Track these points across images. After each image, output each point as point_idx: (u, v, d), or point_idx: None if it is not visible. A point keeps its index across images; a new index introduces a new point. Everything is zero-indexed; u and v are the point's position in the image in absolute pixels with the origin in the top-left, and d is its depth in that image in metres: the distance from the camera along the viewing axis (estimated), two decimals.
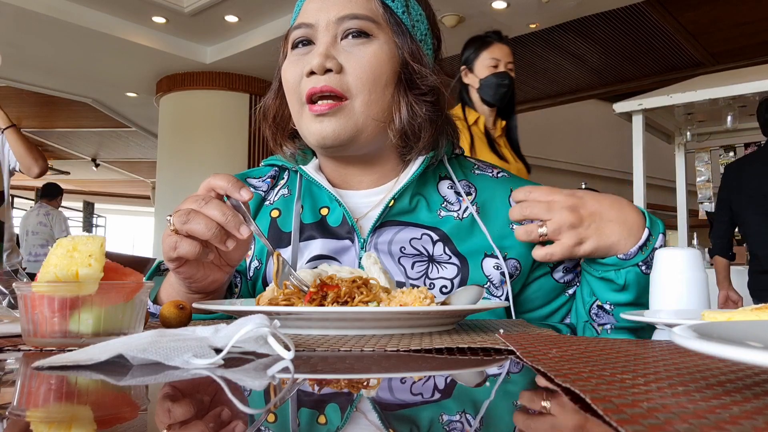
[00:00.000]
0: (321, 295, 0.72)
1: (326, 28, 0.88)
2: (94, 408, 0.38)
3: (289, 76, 0.91)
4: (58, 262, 0.62)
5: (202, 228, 0.74)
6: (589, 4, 5.09)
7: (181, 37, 6.06)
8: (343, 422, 0.33)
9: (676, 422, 0.27)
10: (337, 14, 0.88)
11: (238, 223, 0.75)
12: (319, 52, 0.86)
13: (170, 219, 0.76)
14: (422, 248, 0.91)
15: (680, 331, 0.37)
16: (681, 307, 0.87)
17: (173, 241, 0.76)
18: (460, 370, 0.50)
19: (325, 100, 0.87)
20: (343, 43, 0.89)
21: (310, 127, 0.88)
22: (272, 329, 0.52)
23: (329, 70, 0.86)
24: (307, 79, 0.87)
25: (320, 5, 0.90)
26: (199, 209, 0.75)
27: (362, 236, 0.92)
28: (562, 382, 0.37)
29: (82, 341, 0.59)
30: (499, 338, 0.62)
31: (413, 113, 0.89)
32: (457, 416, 0.35)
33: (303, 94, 0.88)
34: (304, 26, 0.91)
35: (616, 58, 7.10)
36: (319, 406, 0.38)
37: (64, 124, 9.42)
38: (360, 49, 0.87)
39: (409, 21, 0.94)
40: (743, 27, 6.29)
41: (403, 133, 0.90)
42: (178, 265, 0.79)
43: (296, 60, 0.91)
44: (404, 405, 0.38)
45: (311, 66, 0.86)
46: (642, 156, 3.86)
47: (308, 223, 0.96)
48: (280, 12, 5.51)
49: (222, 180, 0.77)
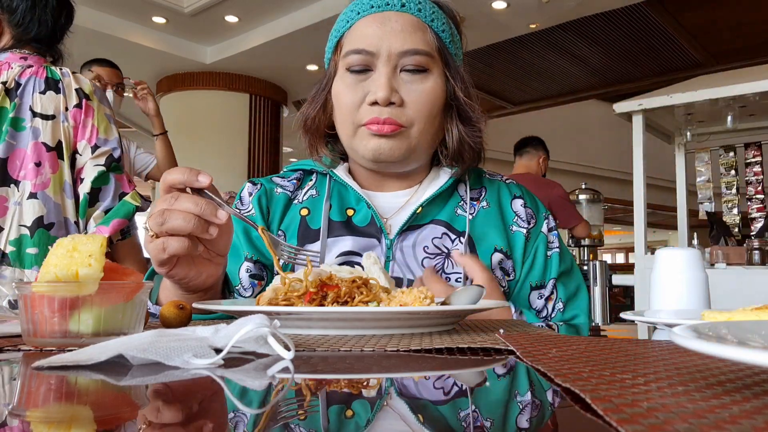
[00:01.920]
0: (321, 295, 0.72)
1: (387, 59, 0.92)
2: (94, 408, 0.38)
3: (347, 101, 0.94)
4: (58, 262, 0.62)
5: (180, 222, 0.73)
6: (589, 4, 5.09)
7: (181, 37, 6.07)
8: (343, 422, 0.33)
9: (676, 422, 0.27)
10: (400, 48, 0.92)
11: (213, 208, 0.75)
12: (382, 85, 0.91)
13: (147, 226, 0.75)
14: (443, 246, 0.97)
15: (680, 331, 0.37)
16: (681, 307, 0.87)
17: (159, 244, 0.75)
18: (460, 370, 0.50)
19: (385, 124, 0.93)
20: (402, 75, 0.94)
21: (368, 143, 0.94)
22: (272, 329, 0.52)
23: (392, 103, 0.92)
24: (369, 107, 0.93)
25: (381, 33, 0.92)
26: (172, 207, 0.74)
27: (390, 236, 0.98)
28: (562, 382, 0.37)
29: (82, 341, 0.59)
30: (499, 338, 0.62)
31: (462, 141, 0.98)
32: (457, 416, 0.35)
33: (362, 120, 0.94)
34: (364, 53, 0.93)
35: (616, 59, 7.10)
36: (320, 406, 0.38)
37: None
38: (419, 84, 0.94)
39: (454, 48, 1.00)
40: (743, 27, 6.29)
41: (453, 157, 1.01)
42: (169, 268, 0.78)
43: (353, 85, 0.94)
44: (404, 405, 0.38)
45: (376, 98, 0.91)
46: (642, 156, 3.85)
47: (336, 222, 1.00)
48: (280, 12, 5.51)
49: (177, 174, 0.76)
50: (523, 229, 1.04)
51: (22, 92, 1.65)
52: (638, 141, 3.87)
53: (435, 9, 0.99)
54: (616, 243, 18.66)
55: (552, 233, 1.06)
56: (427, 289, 0.71)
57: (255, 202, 1.06)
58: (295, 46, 5.80)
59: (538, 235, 1.05)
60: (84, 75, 2.82)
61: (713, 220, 4.21)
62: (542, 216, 1.08)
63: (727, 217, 4.33)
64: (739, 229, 4.28)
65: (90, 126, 1.66)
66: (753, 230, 4.09)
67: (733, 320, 0.56)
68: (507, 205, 1.06)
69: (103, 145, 1.66)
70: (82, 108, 1.66)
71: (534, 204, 1.09)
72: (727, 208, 4.35)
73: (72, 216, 1.63)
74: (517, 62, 7.06)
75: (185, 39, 6.10)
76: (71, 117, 1.65)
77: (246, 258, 1.03)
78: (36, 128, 1.62)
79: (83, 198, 1.63)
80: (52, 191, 1.61)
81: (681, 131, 4.41)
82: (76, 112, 1.66)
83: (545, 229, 1.06)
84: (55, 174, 1.62)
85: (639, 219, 3.87)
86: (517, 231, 1.03)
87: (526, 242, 1.03)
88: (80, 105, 1.65)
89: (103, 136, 1.67)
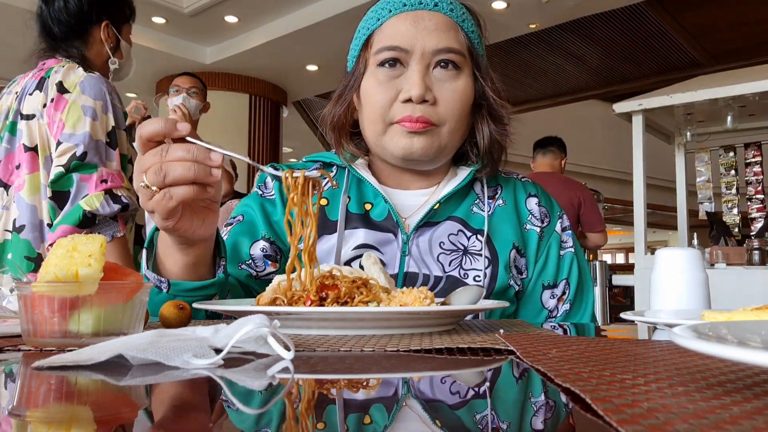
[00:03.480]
0: (320, 296, 0.72)
1: (421, 56, 0.92)
2: (94, 408, 0.38)
3: (379, 98, 0.94)
4: (58, 262, 0.62)
5: (182, 171, 0.71)
6: (589, 4, 5.09)
7: (180, 38, 6.07)
8: (343, 422, 0.33)
9: (676, 422, 0.27)
10: (435, 46, 0.93)
11: (206, 152, 0.73)
12: (417, 83, 0.91)
13: (144, 182, 0.73)
14: (458, 243, 0.99)
15: (680, 331, 0.37)
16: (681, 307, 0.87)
17: (163, 194, 0.73)
18: (460, 370, 0.50)
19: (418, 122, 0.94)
20: (434, 72, 0.94)
21: (399, 141, 0.94)
22: (272, 329, 0.52)
23: (425, 101, 0.92)
24: (402, 105, 0.93)
25: (415, 31, 0.93)
26: (165, 159, 0.72)
27: (406, 232, 0.98)
28: (562, 382, 0.37)
29: (82, 341, 0.59)
30: (499, 338, 0.62)
31: (493, 140, 1.00)
32: (457, 416, 0.35)
33: (394, 117, 0.94)
34: (398, 50, 0.93)
35: (616, 59, 7.11)
36: (320, 406, 0.38)
37: None
38: (451, 83, 0.94)
39: (481, 50, 1.01)
40: (743, 27, 6.29)
41: (483, 156, 1.01)
42: (176, 220, 0.76)
43: (386, 82, 0.94)
44: (404, 405, 0.38)
45: (411, 95, 0.91)
46: (642, 156, 3.85)
47: (354, 214, 1.01)
48: (280, 12, 5.52)
49: (154, 125, 0.73)
50: (536, 227, 1.04)
51: (20, 97, 1.64)
52: (638, 141, 3.87)
53: (464, 10, 0.99)
54: (616, 243, 18.67)
55: (566, 233, 1.06)
56: (427, 288, 0.71)
57: (276, 187, 1.06)
58: (295, 46, 5.80)
59: (551, 234, 1.05)
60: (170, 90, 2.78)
61: (713, 220, 4.21)
62: (556, 215, 1.08)
63: (727, 217, 4.33)
64: (739, 229, 4.27)
65: (57, 120, 1.53)
66: (753, 230, 4.09)
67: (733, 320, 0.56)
68: (522, 203, 1.06)
69: (66, 141, 1.51)
70: (54, 102, 1.54)
71: (549, 203, 1.09)
72: (727, 208, 4.35)
73: (47, 219, 1.54)
74: (516, 62, 7.06)
75: (185, 39, 6.10)
76: (46, 113, 1.55)
77: (263, 237, 1.03)
78: (20, 130, 1.58)
79: (47, 204, 1.53)
80: (26, 192, 1.54)
81: (681, 131, 4.41)
82: (50, 107, 1.55)
83: (559, 229, 1.06)
84: (31, 174, 1.55)
85: (639, 219, 3.87)
86: (531, 229, 1.04)
87: (539, 241, 1.03)
88: (54, 99, 1.54)
89: (69, 131, 1.51)
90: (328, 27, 5.36)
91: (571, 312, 1.03)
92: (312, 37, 5.58)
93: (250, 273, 1.01)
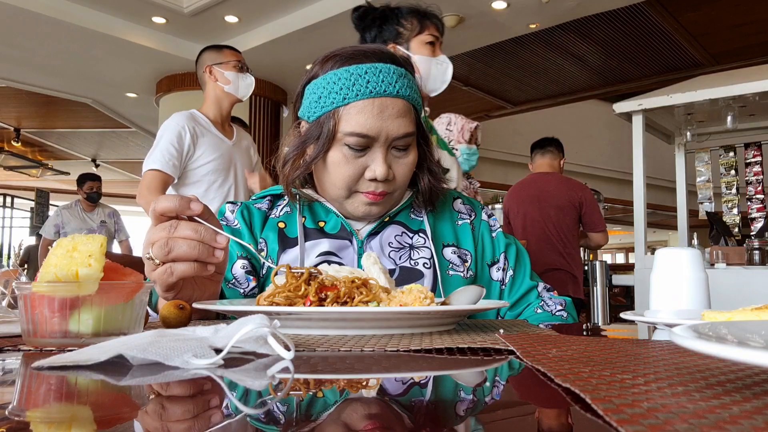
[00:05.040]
0: (320, 296, 0.72)
1: (385, 141, 1.04)
2: (94, 408, 0.38)
3: (347, 173, 1.05)
4: (58, 262, 0.62)
5: (186, 249, 0.76)
6: (589, 4, 5.09)
7: (181, 38, 6.06)
8: (343, 422, 0.33)
9: (676, 422, 0.27)
10: (396, 133, 1.04)
11: (213, 234, 0.78)
12: (381, 164, 1.04)
13: (150, 254, 0.77)
14: (404, 242, 1.14)
15: (680, 331, 0.37)
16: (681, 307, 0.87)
17: (165, 269, 0.77)
18: (460, 370, 0.50)
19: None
20: (392, 151, 1.07)
21: (360, 207, 1.08)
22: (272, 329, 0.52)
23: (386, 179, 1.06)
24: (368, 182, 1.06)
25: (381, 122, 1.03)
26: (173, 235, 0.77)
27: (359, 238, 1.12)
28: (562, 382, 0.37)
29: (82, 341, 0.59)
30: (499, 338, 0.62)
31: (432, 188, 1.15)
32: (457, 416, 0.35)
33: (360, 189, 1.07)
34: (366, 137, 1.03)
35: (616, 59, 7.10)
36: (320, 406, 0.38)
37: (64, 124, 9.41)
38: (404, 159, 1.08)
39: (419, 102, 1.10)
40: (743, 27, 6.29)
41: (423, 195, 1.16)
42: (176, 293, 0.81)
43: (352, 161, 1.05)
44: (404, 405, 0.38)
45: (376, 176, 1.04)
46: (642, 156, 3.85)
47: (311, 228, 1.14)
48: (280, 12, 5.51)
49: (167, 202, 0.78)
50: (466, 220, 1.21)
51: None
52: (638, 141, 3.87)
53: (408, 76, 1.07)
54: (616, 243, 18.66)
55: (492, 219, 1.24)
56: (427, 288, 0.71)
57: (239, 216, 1.15)
58: (295, 46, 5.80)
59: (480, 222, 1.22)
60: None
61: (713, 220, 4.21)
62: (479, 207, 1.26)
63: (727, 217, 4.33)
64: (739, 229, 4.27)
65: None
66: (753, 230, 4.09)
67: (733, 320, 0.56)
68: (450, 206, 1.23)
69: None
70: None
71: (470, 201, 1.27)
72: (727, 208, 4.35)
73: None
74: (517, 62, 7.05)
75: (185, 39, 6.09)
76: None
77: (239, 257, 1.12)
78: None
79: None
80: None
81: (681, 131, 4.41)
82: None
83: (485, 217, 1.24)
84: None
85: (639, 219, 3.87)
86: (463, 223, 1.21)
87: (472, 230, 1.20)
88: None
89: None
90: (328, 27, 5.36)
91: (515, 276, 1.19)
92: (312, 37, 5.57)
93: (238, 291, 1.08)
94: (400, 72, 1.05)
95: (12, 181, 12.27)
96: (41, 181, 12.03)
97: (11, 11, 5.14)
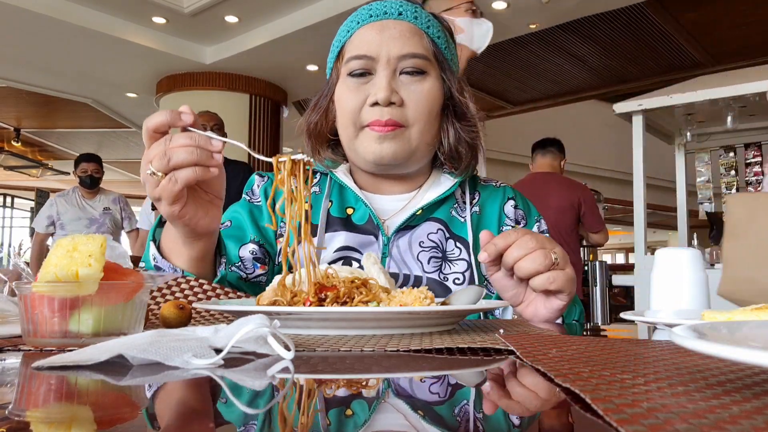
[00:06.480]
0: (320, 297, 0.72)
1: (387, 63, 0.97)
2: (94, 408, 0.38)
3: (349, 103, 0.98)
4: (58, 262, 0.62)
5: (185, 155, 0.76)
6: (589, 4, 5.08)
7: (181, 38, 6.06)
8: (342, 422, 0.33)
9: (676, 422, 0.27)
10: (399, 52, 0.97)
11: (207, 138, 0.78)
12: (383, 86, 0.95)
13: (151, 170, 0.77)
14: (437, 241, 1.02)
15: (680, 331, 0.37)
16: (681, 307, 0.87)
17: (168, 179, 0.77)
18: (460, 370, 0.50)
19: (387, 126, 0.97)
20: (401, 78, 0.98)
21: (369, 146, 0.97)
22: (272, 329, 0.52)
23: (392, 103, 0.96)
24: (370, 108, 0.97)
25: (380, 39, 0.97)
26: (168, 146, 0.77)
27: (387, 234, 1.02)
28: (562, 382, 0.37)
29: (82, 341, 0.59)
30: (499, 338, 0.62)
31: (459, 138, 1.03)
32: (456, 417, 0.35)
33: (364, 121, 0.98)
34: (365, 58, 0.97)
35: (616, 59, 7.10)
36: (320, 406, 0.38)
37: (64, 124, 9.41)
38: (417, 85, 0.98)
39: (449, 54, 1.04)
40: (743, 27, 6.29)
41: (450, 155, 1.04)
42: (181, 205, 0.81)
43: (355, 88, 0.98)
44: (405, 405, 0.38)
45: (377, 98, 0.95)
46: (642, 156, 3.85)
47: (335, 218, 1.05)
48: (280, 12, 5.51)
49: (158, 117, 0.78)
50: (511, 227, 1.08)
51: None
52: (638, 141, 3.87)
53: (430, 18, 1.03)
54: (616, 243, 18.66)
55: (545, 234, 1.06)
56: (427, 288, 0.71)
57: (262, 193, 1.10)
58: (295, 46, 5.80)
59: None
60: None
61: (713, 220, 4.20)
62: (533, 219, 1.11)
63: None
64: None
65: None
66: None
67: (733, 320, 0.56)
68: (499, 208, 1.09)
69: None
70: None
71: (526, 206, 1.12)
72: None
73: None
74: (517, 62, 7.05)
75: (185, 39, 6.09)
76: None
77: (252, 240, 1.06)
78: None
79: None
80: None
81: (681, 131, 4.40)
82: None
83: (536, 231, 1.09)
84: None
85: (639, 219, 3.86)
86: (507, 228, 1.07)
87: None
88: None
89: None
90: (328, 27, 5.36)
91: None
92: (312, 37, 5.57)
93: (240, 275, 1.04)
94: (408, 3, 1.00)
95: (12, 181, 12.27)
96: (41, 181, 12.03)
97: (11, 11, 5.14)
